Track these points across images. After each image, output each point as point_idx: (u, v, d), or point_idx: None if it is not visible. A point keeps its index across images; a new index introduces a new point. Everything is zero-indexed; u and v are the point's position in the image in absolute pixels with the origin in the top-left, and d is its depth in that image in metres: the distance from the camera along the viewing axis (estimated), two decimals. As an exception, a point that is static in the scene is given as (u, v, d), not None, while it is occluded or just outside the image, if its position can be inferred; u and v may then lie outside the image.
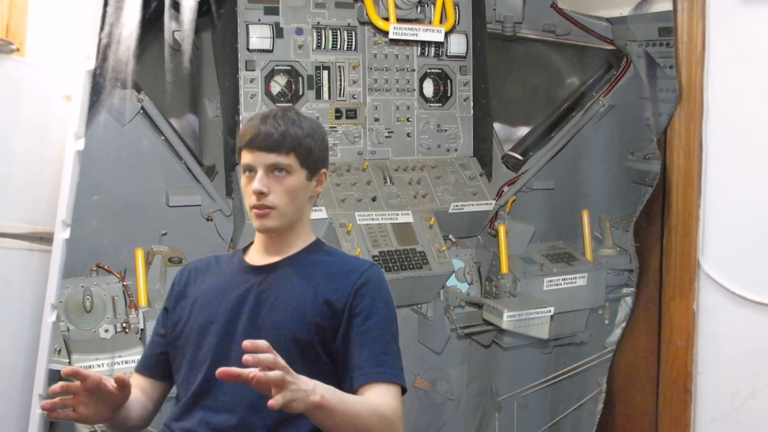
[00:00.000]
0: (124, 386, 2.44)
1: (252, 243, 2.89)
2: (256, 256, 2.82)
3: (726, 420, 3.58)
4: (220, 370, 2.17)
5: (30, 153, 3.10)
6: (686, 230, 3.70)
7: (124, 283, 3.97)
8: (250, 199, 2.68)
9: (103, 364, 3.55)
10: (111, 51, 3.27)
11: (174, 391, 2.83)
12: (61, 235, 3.05)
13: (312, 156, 2.71)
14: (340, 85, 4.52)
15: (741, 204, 3.49)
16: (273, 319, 2.64)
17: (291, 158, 2.66)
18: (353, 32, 4.52)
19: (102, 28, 3.09)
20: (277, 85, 4.35)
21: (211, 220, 4.17)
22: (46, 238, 3.15)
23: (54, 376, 3.34)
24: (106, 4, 3.08)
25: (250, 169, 2.68)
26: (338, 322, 2.68)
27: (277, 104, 2.78)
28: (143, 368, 2.87)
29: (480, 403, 5.10)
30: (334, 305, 2.68)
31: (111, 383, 2.41)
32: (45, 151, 3.14)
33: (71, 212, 3.06)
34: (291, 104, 4.33)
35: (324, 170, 2.81)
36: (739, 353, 3.53)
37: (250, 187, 2.67)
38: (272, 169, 2.65)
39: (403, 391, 2.68)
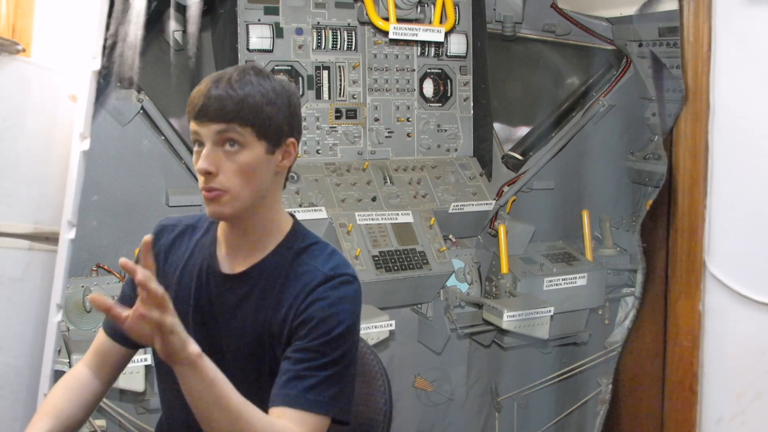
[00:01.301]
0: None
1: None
2: (225, 255, 2.48)
3: (732, 421, 3.58)
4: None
5: (35, 153, 3.08)
6: (692, 231, 3.69)
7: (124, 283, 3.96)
8: (199, 179, 2.32)
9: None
10: (115, 51, 3.27)
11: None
12: (67, 235, 3.03)
13: (272, 125, 2.31)
14: (340, 85, 4.52)
15: (747, 205, 3.48)
16: (236, 345, 2.40)
17: (246, 130, 2.26)
18: (353, 32, 4.52)
19: (107, 29, 3.08)
20: (278, 84, 4.34)
21: (211, 220, 4.15)
22: (51, 238, 3.13)
23: (59, 376, 3.32)
24: (112, 5, 3.07)
25: (199, 142, 2.30)
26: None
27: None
28: (122, 340, 2.60)
29: (483, 404, 5.11)
30: (290, 325, 2.36)
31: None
32: (50, 151, 3.12)
33: (77, 212, 3.04)
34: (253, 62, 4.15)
35: (292, 140, 2.39)
36: (745, 354, 3.53)
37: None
38: (222, 141, 2.26)
39: (342, 422, 2.35)
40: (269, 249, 2.45)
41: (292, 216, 2.56)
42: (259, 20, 4.30)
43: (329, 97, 4.50)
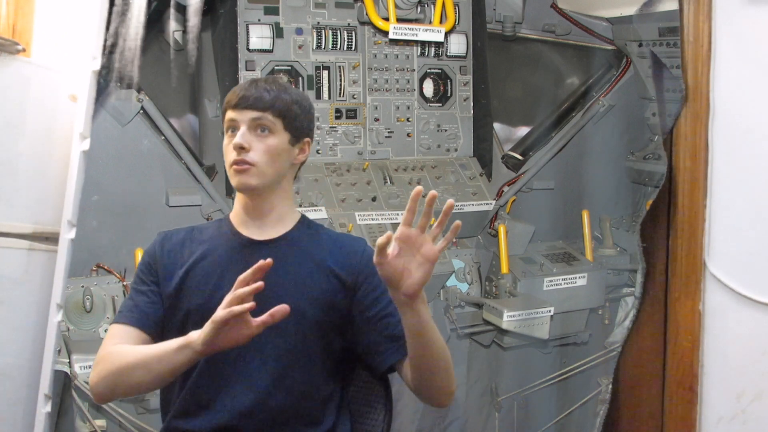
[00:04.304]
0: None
1: (229, 215, 2.89)
2: (251, 231, 2.82)
3: (732, 421, 3.58)
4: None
5: (35, 153, 3.09)
6: (692, 231, 3.70)
7: (124, 283, 3.95)
8: (229, 156, 2.69)
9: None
10: (115, 51, 3.27)
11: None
12: (67, 235, 3.04)
13: (297, 121, 2.75)
14: (340, 85, 4.51)
15: (747, 205, 3.49)
16: (284, 300, 2.44)
17: (276, 120, 2.69)
18: (353, 32, 4.51)
19: (107, 29, 3.08)
20: (278, 85, 4.33)
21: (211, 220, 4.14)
22: (51, 238, 3.13)
23: (59, 376, 3.32)
24: (112, 5, 3.07)
25: (233, 128, 2.70)
26: (349, 300, 2.77)
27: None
28: (146, 325, 2.73)
29: (483, 404, 5.10)
30: (344, 281, 2.77)
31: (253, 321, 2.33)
32: (50, 151, 3.13)
33: (77, 212, 3.04)
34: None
35: (308, 140, 2.84)
36: (745, 354, 3.53)
37: (231, 145, 2.68)
38: (255, 126, 2.68)
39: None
40: (289, 226, 2.85)
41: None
42: (259, 20, 4.30)
43: (329, 97, 4.50)
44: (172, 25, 4.10)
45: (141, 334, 2.71)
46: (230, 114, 2.70)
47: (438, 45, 4.71)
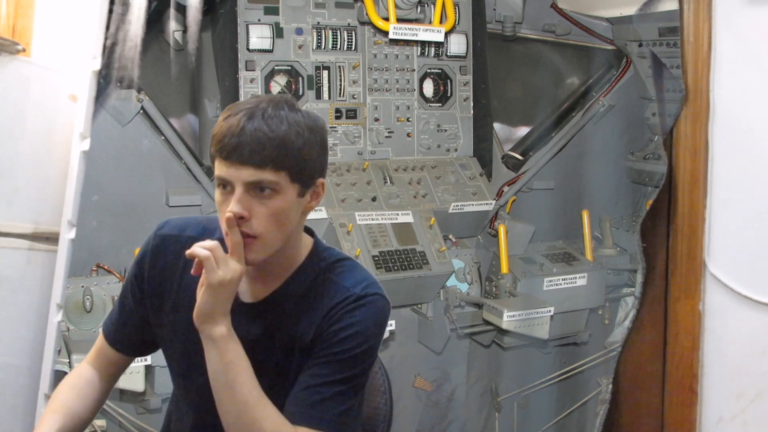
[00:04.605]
0: None
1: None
2: (242, 283, 2.29)
3: (732, 421, 3.58)
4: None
5: (35, 153, 3.09)
6: (692, 231, 3.70)
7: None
8: (225, 225, 2.14)
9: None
10: (115, 51, 3.27)
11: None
12: (67, 235, 3.04)
13: (307, 168, 2.19)
14: (340, 85, 4.51)
15: (747, 205, 3.49)
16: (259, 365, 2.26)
17: (280, 174, 2.12)
18: (353, 32, 4.50)
19: (107, 29, 3.08)
20: (277, 85, 4.32)
21: (211, 220, 4.13)
22: (51, 238, 3.13)
23: (59, 376, 3.32)
24: (112, 4, 3.07)
25: (225, 185, 2.14)
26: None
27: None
28: (119, 342, 2.57)
29: (483, 404, 5.10)
30: (309, 344, 2.31)
31: None
32: (50, 151, 3.13)
33: (77, 212, 3.04)
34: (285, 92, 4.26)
35: (321, 180, 2.28)
36: (745, 354, 3.54)
37: (225, 206, 2.13)
38: (254, 186, 2.11)
39: None
40: (289, 273, 2.35)
41: (311, 234, 2.44)
42: (259, 20, 4.29)
43: (329, 97, 4.49)
44: (172, 25, 4.09)
45: (114, 353, 2.59)
46: (221, 168, 2.13)
47: (438, 45, 4.71)
